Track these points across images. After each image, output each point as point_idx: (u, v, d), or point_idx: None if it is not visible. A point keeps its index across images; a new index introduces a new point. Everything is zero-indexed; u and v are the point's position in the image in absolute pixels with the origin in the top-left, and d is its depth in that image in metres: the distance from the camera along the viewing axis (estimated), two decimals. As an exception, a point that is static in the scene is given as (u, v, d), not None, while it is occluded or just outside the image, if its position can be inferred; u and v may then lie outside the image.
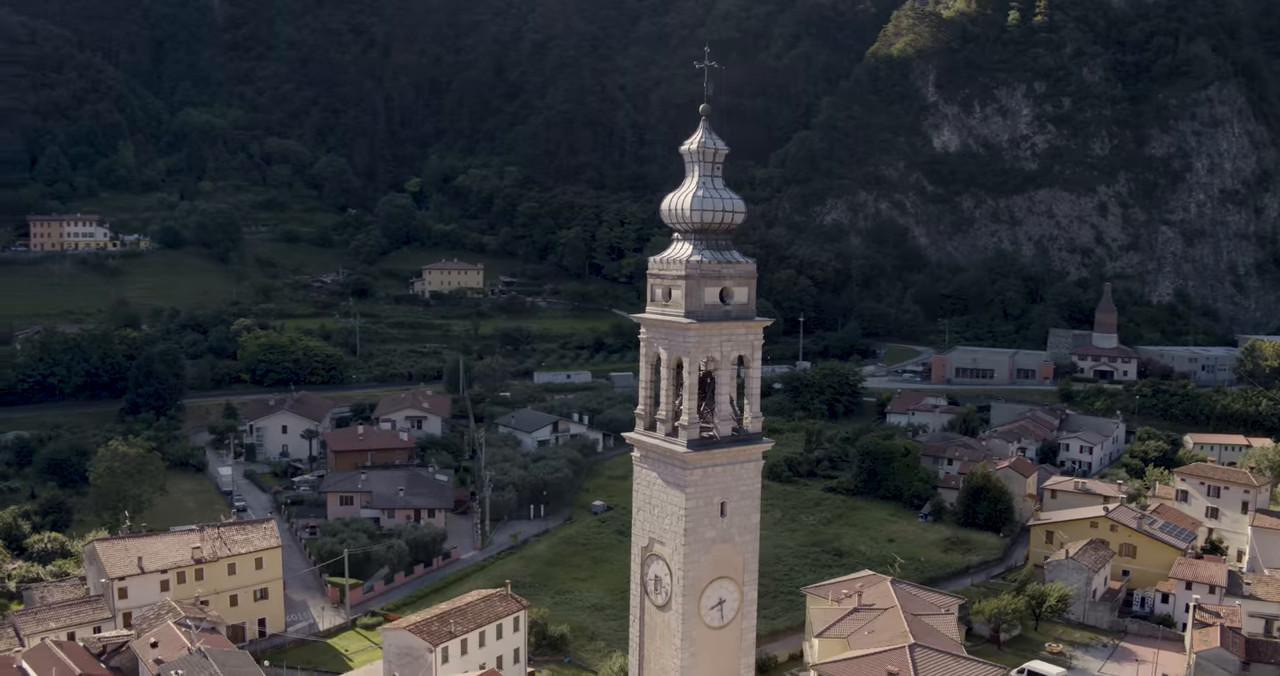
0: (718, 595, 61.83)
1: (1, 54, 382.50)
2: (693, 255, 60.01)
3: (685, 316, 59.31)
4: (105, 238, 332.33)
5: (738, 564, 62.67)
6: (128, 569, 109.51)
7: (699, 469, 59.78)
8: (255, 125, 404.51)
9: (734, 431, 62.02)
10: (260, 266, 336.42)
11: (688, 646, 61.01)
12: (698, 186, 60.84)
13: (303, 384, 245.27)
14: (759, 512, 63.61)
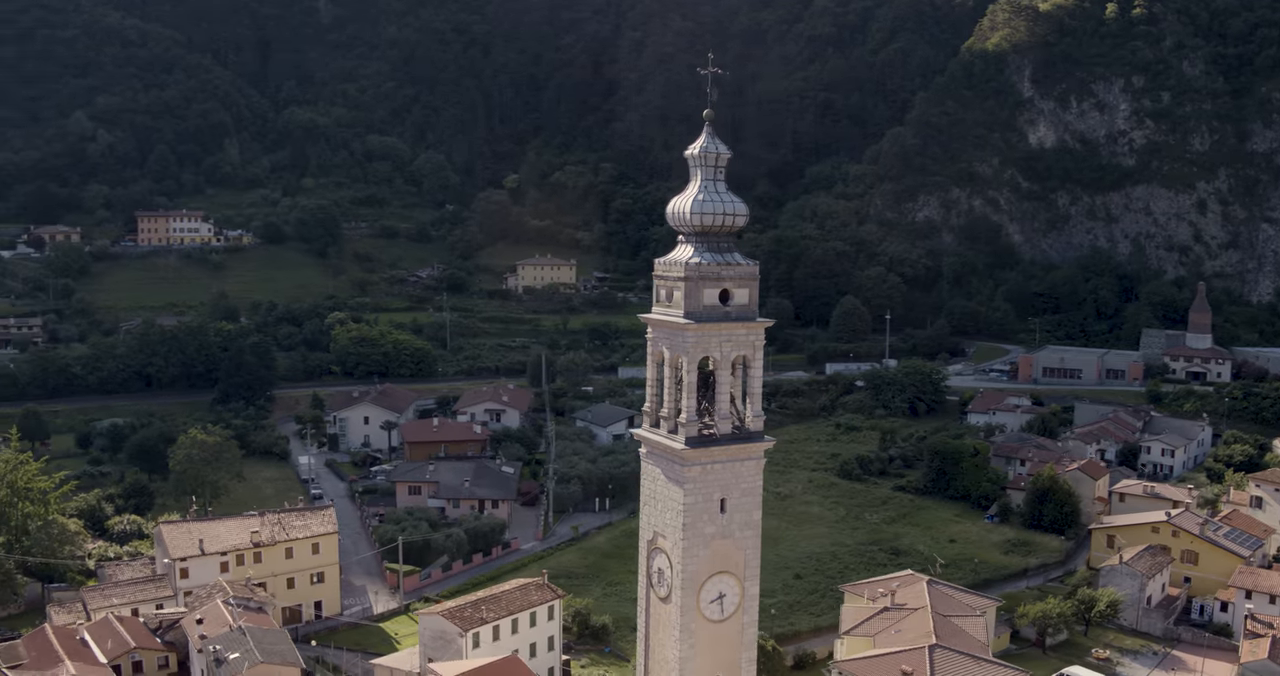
0: (718, 589, 62.65)
1: (115, 56, 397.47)
2: (692, 257, 61.87)
3: (684, 317, 60.68)
4: (209, 233, 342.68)
5: (738, 559, 63.25)
6: (189, 550, 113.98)
7: (697, 465, 60.82)
8: (357, 123, 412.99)
9: (735, 430, 62.87)
10: (358, 261, 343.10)
11: (686, 638, 62.14)
12: (699, 190, 62.19)
13: (391, 376, 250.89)
14: (760, 510, 64.14)
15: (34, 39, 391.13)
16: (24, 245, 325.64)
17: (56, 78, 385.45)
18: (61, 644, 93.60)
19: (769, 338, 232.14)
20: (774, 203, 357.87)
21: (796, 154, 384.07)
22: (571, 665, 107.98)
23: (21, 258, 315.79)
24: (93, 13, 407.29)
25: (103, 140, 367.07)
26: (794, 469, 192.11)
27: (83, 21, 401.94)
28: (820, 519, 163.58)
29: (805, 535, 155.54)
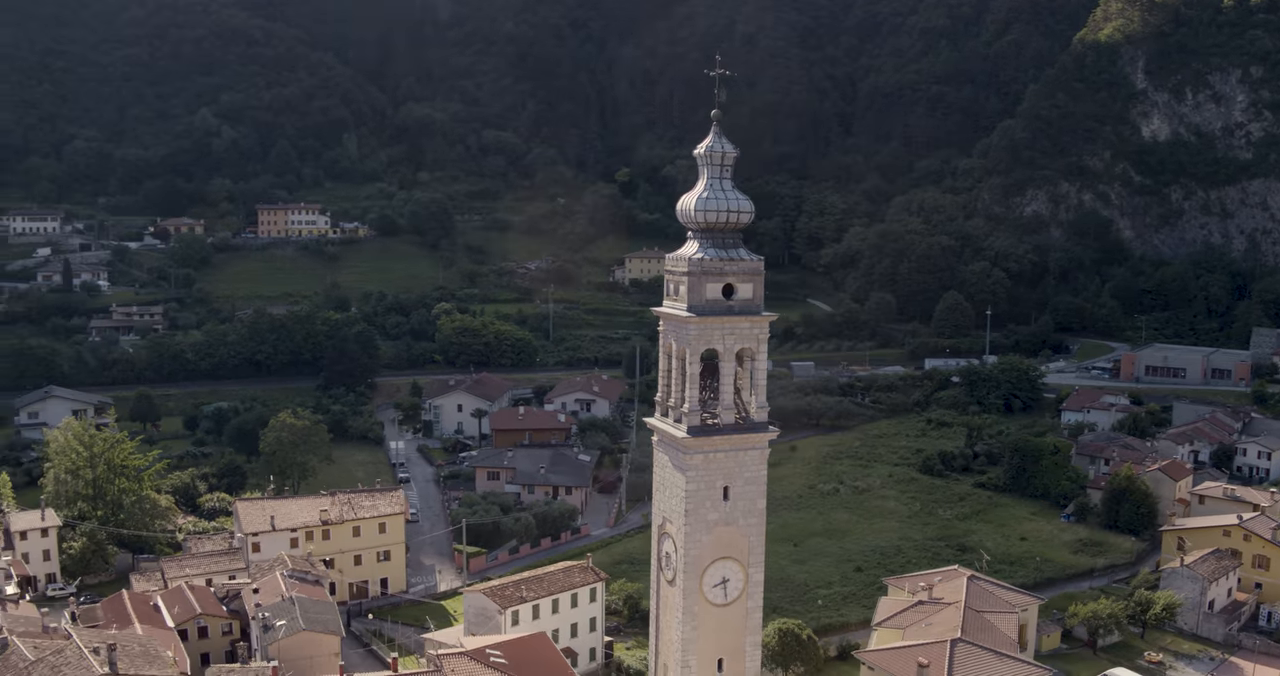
0: (720, 574, 64.17)
1: (240, 55, 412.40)
2: (696, 253, 63.41)
3: (688, 310, 62.66)
4: (326, 225, 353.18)
5: (742, 546, 64.78)
6: (261, 526, 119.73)
7: (699, 454, 62.57)
8: (473, 118, 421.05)
9: (738, 420, 64.45)
10: (469, 253, 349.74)
11: (688, 620, 63.92)
12: (705, 188, 64.61)
13: (492, 366, 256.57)
14: (765, 498, 65.68)
15: (164, 39, 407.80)
16: (150, 237, 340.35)
17: (184, 76, 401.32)
18: (135, 608, 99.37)
19: (870, 333, 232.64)
20: (882, 197, 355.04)
21: (907, 148, 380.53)
22: (615, 646, 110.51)
23: (148, 249, 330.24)
24: (219, 14, 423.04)
25: (227, 136, 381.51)
26: (877, 463, 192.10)
27: (210, 22, 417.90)
28: (893, 513, 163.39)
29: (875, 529, 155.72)
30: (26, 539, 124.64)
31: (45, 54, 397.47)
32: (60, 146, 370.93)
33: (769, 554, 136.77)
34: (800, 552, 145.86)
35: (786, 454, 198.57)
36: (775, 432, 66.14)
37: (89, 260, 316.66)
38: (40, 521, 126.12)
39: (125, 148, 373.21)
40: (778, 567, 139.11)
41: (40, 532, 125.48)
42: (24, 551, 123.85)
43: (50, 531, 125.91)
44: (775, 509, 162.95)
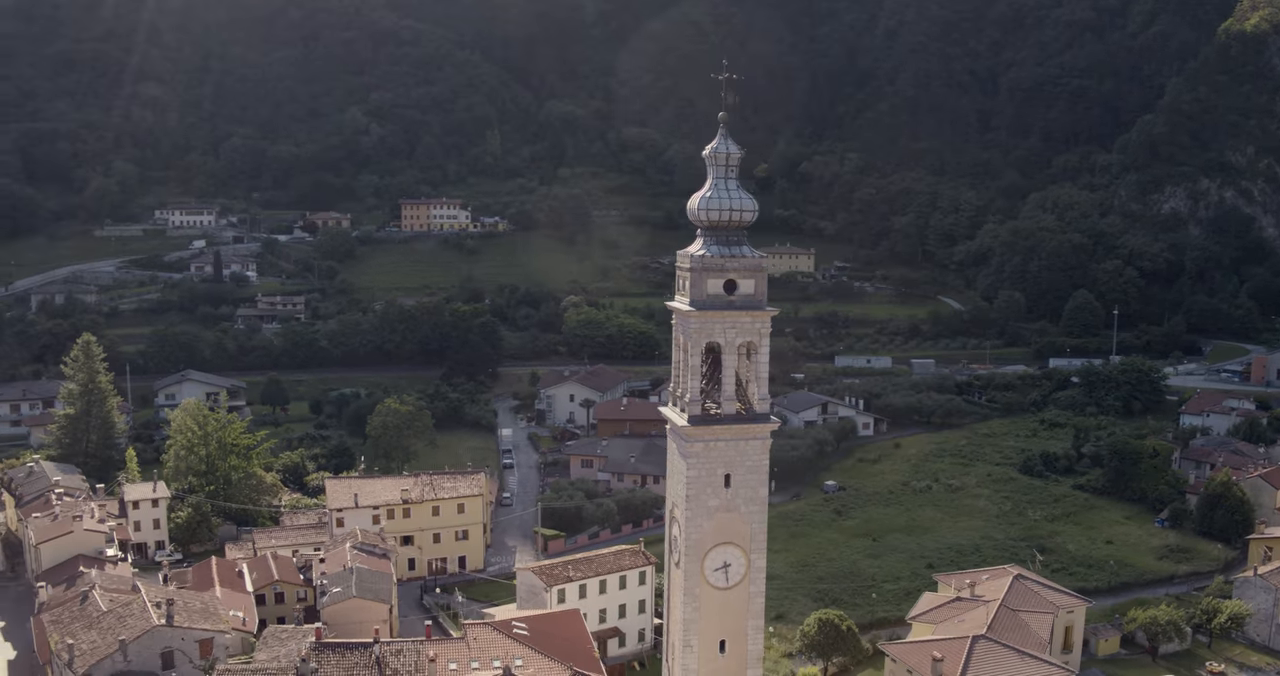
0: (722, 558, 66.16)
1: (390, 55, 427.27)
2: (699, 250, 65.71)
3: (690, 305, 65.16)
4: (466, 219, 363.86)
5: (744, 532, 66.74)
6: (345, 502, 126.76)
7: (700, 442, 64.95)
8: (614, 115, 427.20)
9: (739, 411, 66.31)
10: (605, 248, 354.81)
11: (690, 601, 66.16)
12: (709, 188, 66.90)
13: (614, 358, 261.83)
14: (766, 487, 67.24)
15: (318, 41, 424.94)
16: (299, 230, 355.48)
17: (336, 76, 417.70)
18: (220, 573, 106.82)
19: (997, 331, 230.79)
20: (1018, 193, 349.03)
21: (1046, 143, 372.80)
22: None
23: (296, 241, 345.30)
24: (371, 15, 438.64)
25: (375, 134, 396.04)
26: (979, 462, 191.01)
27: (362, 24, 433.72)
28: (981, 512, 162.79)
29: (959, 527, 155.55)
30: (139, 508, 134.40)
31: (207, 57, 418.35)
32: (218, 144, 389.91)
33: (845, 548, 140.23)
34: (877, 547, 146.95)
35: (889, 451, 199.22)
36: (776, 424, 67.50)
37: (240, 252, 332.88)
38: (152, 493, 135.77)
39: (279, 145, 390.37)
40: (849, 561, 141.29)
41: (151, 503, 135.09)
42: (136, 519, 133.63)
43: (160, 502, 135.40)
44: (863, 504, 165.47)
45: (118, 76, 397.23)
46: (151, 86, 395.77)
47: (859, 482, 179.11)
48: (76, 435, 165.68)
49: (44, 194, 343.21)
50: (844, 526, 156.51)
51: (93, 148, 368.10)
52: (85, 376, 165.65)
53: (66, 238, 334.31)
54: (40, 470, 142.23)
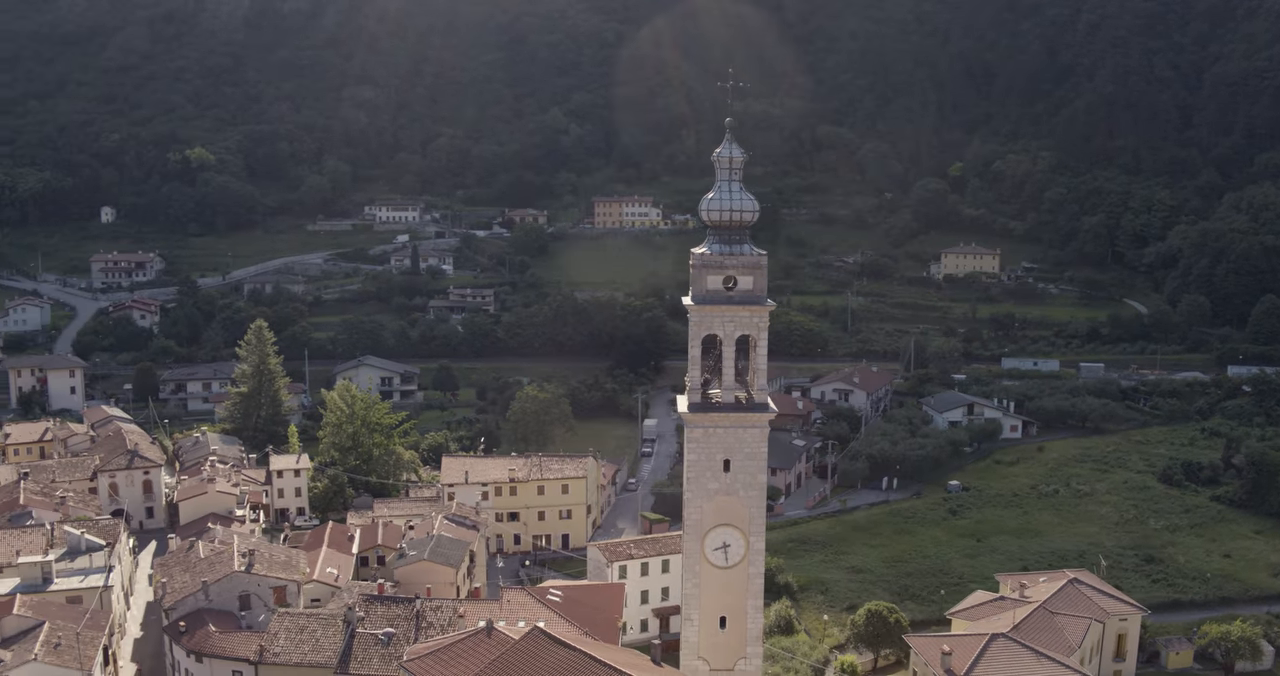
0: (721, 539, 70.16)
1: (593, 56, 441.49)
2: (702, 249, 71.16)
3: (691, 299, 70.36)
4: (657, 217, 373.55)
5: (742, 515, 70.28)
6: (456, 479, 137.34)
7: (699, 428, 69.56)
8: (810, 114, 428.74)
9: (739, 400, 70.52)
10: (790, 245, 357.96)
11: (691, 578, 70.91)
12: (714, 189, 71.69)
13: (780, 354, 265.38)
14: (765, 473, 71.25)
15: (524, 44, 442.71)
16: (498, 226, 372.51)
17: (541, 78, 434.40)
18: (331, 536, 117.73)
19: (1179, 336, 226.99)
20: (1215, 193, 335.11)
21: (1249, 140, 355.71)
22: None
23: (494, 237, 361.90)
24: (575, 18, 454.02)
25: (574, 133, 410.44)
26: (1119, 469, 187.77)
27: (566, 27, 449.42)
28: (1102, 519, 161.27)
29: (1071, 532, 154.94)
30: (282, 477, 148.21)
31: (420, 61, 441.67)
32: (426, 144, 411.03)
33: (945, 546, 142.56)
34: (978, 548, 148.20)
35: (1031, 454, 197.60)
36: (773, 414, 71.00)
37: (439, 246, 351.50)
38: (294, 464, 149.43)
39: (483, 144, 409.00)
40: (943, 559, 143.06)
41: (294, 473, 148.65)
42: (280, 487, 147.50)
43: (302, 472, 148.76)
44: (981, 505, 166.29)
45: (335, 81, 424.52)
46: (366, 90, 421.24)
47: (987, 484, 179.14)
48: (248, 411, 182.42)
49: (262, 191, 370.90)
50: (953, 525, 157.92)
51: (309, 148, 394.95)
52: (257, 358, 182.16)
53: (282, 231, 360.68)
54: (204, 441, 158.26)
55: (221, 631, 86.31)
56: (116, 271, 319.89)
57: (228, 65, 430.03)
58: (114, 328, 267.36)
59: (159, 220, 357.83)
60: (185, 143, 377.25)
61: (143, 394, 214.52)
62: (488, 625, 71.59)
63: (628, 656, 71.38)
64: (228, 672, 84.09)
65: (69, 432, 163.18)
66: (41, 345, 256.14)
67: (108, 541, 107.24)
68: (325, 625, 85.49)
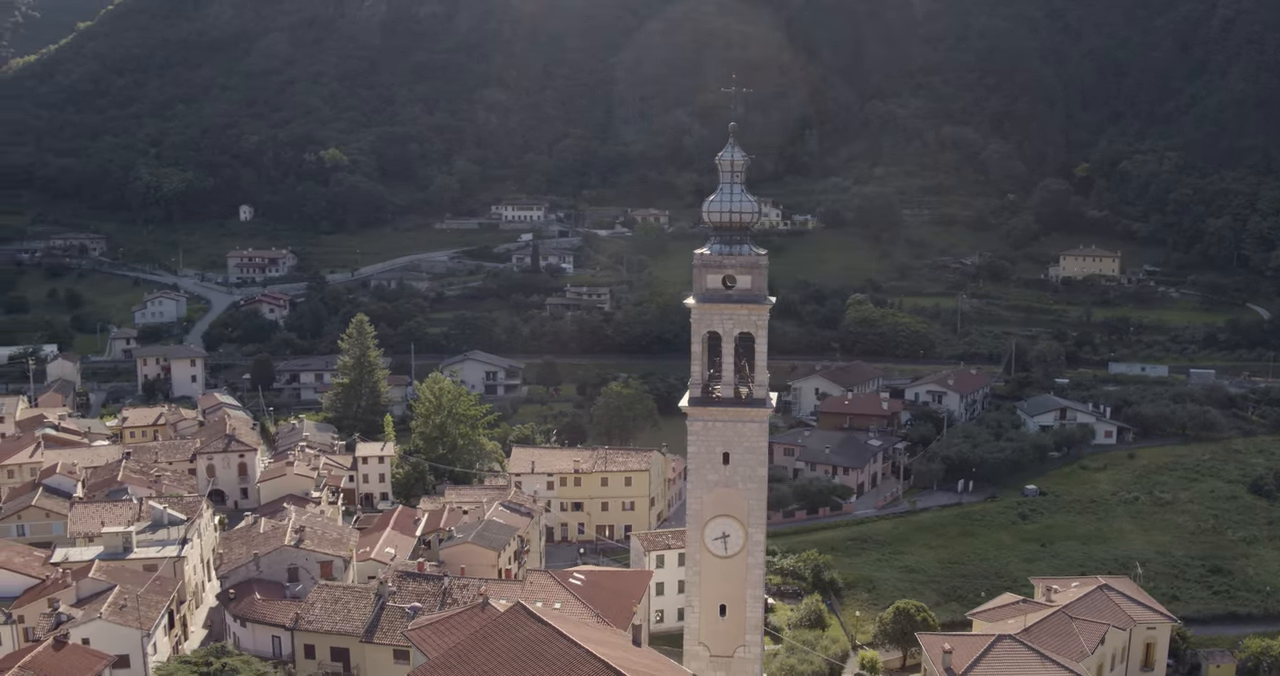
0: (721, 529, 72.95)
1: (716, 57, 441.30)
2: (703, 249, 74.68)
3: (693, 298, 74.09)
4: (777, 217, 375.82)
5: (741, 506, 72.92)
6: (523, 468, 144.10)
7: (699, 422, 72.60)
8: (935, 114, 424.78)
9: (737, 395, 73.14)
10: (909, 247, 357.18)
11: (692, 566, 74.40)
12: (717, 192, 74.75)
13: (886, 356, 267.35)
14: (764, 467, 73.94)
15: (650, 47, 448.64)
16: (620, 226, 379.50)
17: (665, 79, 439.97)
18: (398, 519, 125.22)
19: None
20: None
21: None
22: (778, 607, 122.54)
23: (616, 236, 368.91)
24: (701, 20, 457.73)
25: (696, 134, 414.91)
26: (1210, 478, 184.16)
27: (692, 28, 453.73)
28: (1177, 528, 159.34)
29: (1141, 540, 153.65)
30: (367, 463, 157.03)
31: (549, 63, 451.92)
32: (553, 144, 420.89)
33: (1007, 550, 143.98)
34: (1040, 553, 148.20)
35: (1120, 460, 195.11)
36: (770, 410, 73.67)
37: (561, 245, 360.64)
38: (379, 451, 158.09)
39: (608, 145, 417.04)
40: (1001, 563, 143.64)
41: (378, 460, 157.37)
42: (365, 473, 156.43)
43: (385, 459, 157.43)
44: (1054, 510, 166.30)
45: (467, 83, 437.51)
46: (497, 92, 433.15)
47: (1066, 489, 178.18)
48: (348, 401, 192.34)
49: (393, 190, 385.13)
50: (1020, 530, 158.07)
51: (439, 149, 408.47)
52: (358, 351, 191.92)
53: (410, 230, 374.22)
54: (299, 428, 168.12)
55: (265, 599, 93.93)
56: (251, 267, 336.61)
57: (364, 69, 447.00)
58: (242, 320, 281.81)
59: (293, 218, 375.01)
60: (320, 144, 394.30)
61: (259, 383, 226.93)
62: (483, 601, 77.19)
63: (607, 636, 75.86)
64: (268, 636, 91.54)
65: (179, 417, 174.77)
66: (175, 336, 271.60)
67: (189, 517, 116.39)
68: (359, 597, 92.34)
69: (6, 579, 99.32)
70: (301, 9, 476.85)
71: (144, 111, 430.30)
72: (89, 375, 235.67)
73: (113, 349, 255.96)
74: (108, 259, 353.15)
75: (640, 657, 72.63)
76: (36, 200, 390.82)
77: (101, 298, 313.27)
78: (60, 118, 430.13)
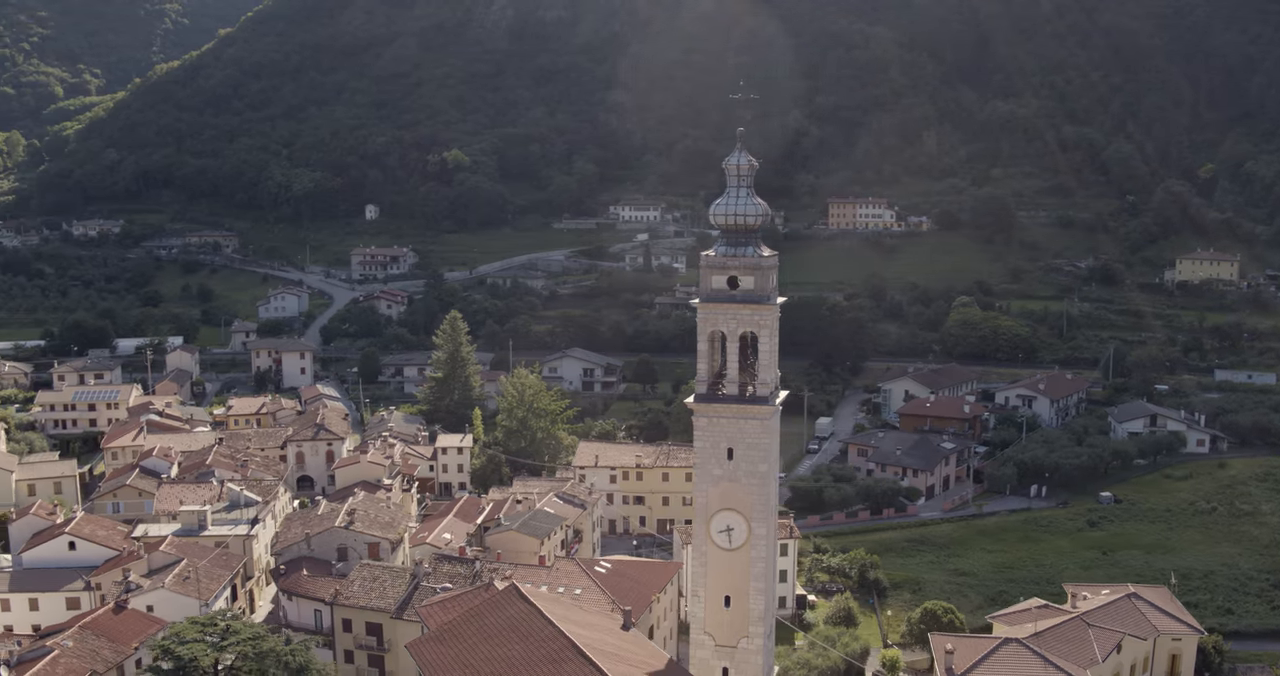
0: (725, 522, 74.63)
1: (838, 58, 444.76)
2: (709, 251, 76.68)
3: (699, 298, 76.81)
4: (891, 218, 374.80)
5: (745, 501, 74.28)
6: (588, 462, 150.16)
7: (704, 418, 74.61)
8: (1056, 113, 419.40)
9: (741, 392, 74.72)
10: (1023, 249, 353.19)
11: (699, 558, 76.93)
12: (723, 195, 76.66)
13: (986, 359, 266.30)
14: (767, 463, 74.73)
15: (772, 47, 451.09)
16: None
17: (785, 80, 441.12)
18: (462, 507, 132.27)
19: None
20: None
21: None
22: (819, 603, 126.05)
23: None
24: (823, 21, 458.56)
25: (814, 135, 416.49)
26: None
27: (814, 29, 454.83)
28: (1252, 540, 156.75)
29: (1209, 552, 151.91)
30: (446, 454, 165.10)
31: (670, 65, 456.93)
32: (671, 146, 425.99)
33: (1066, 557, 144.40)
34: (1100, 560, 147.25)
35: (1209, 469, 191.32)
36: (772, 408, 74.93)
37: (674, 245, 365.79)
38: (458, 442, 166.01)
39: (726, 146, 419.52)
40: (1056, 569, 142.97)
41: (457, 450, 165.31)
42: (444, 463, 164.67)
43: (464, 451, 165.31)
44: (1126, 518, 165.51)
45: (589, 86, 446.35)
46: (618, 94, 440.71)
47: (1144, 497, 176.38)
48: (441, 394, 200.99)
49: (512, 191, 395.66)
50: (1084, 536, 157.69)
51: (559, 150, 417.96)
52: (451, 347, 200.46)
53: (529, 229, 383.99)
54: (386, 419, 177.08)
55: (311, 576, 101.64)
56: (373, 264, 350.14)
57: (489, 72, 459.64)
58: (358, 316, 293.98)
59: (416, 217, 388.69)
60: (445, 145, 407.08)
61: (365, 376, 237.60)
62: (487, 582, 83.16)
63: (597, 619, 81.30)
64: (311, 610, 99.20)
65: (279, 407, 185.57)
66: (295, 330, 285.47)
67: (264, 499, 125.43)
68: (395, 577, 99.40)
69: (91, 550, 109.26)
70: (431, 14, 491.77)
71: (278, 114, 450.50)
72: (207, 366, 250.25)
73: (232, 341, 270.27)
74: (239, 256, 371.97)
75: (620, 641, 78.24)
76: (175, 199, 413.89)
77: (231, 292, 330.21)
78: (200, 121, 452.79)
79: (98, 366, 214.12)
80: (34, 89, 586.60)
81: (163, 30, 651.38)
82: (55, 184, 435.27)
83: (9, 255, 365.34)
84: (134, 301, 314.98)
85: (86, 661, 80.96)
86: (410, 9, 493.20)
